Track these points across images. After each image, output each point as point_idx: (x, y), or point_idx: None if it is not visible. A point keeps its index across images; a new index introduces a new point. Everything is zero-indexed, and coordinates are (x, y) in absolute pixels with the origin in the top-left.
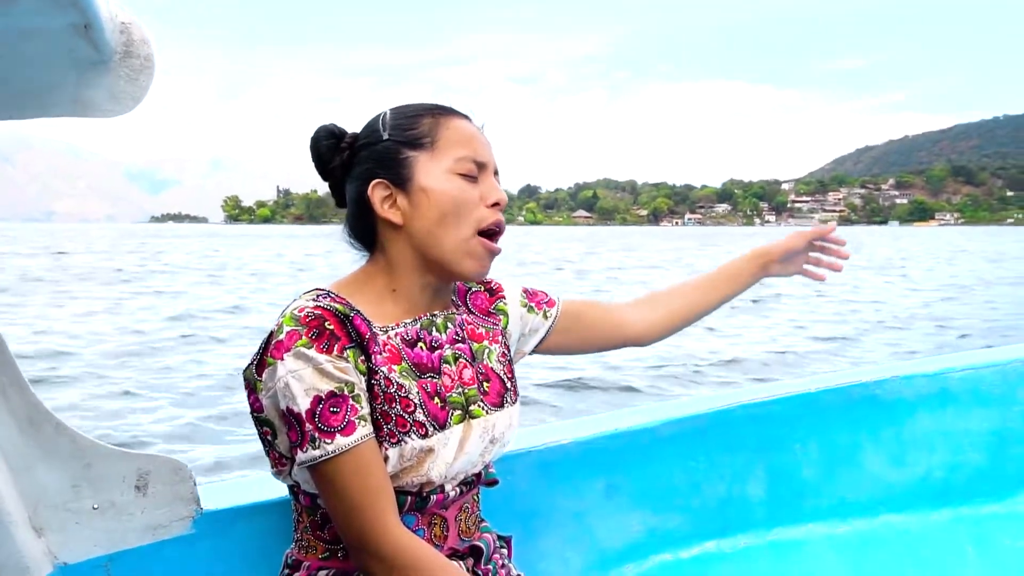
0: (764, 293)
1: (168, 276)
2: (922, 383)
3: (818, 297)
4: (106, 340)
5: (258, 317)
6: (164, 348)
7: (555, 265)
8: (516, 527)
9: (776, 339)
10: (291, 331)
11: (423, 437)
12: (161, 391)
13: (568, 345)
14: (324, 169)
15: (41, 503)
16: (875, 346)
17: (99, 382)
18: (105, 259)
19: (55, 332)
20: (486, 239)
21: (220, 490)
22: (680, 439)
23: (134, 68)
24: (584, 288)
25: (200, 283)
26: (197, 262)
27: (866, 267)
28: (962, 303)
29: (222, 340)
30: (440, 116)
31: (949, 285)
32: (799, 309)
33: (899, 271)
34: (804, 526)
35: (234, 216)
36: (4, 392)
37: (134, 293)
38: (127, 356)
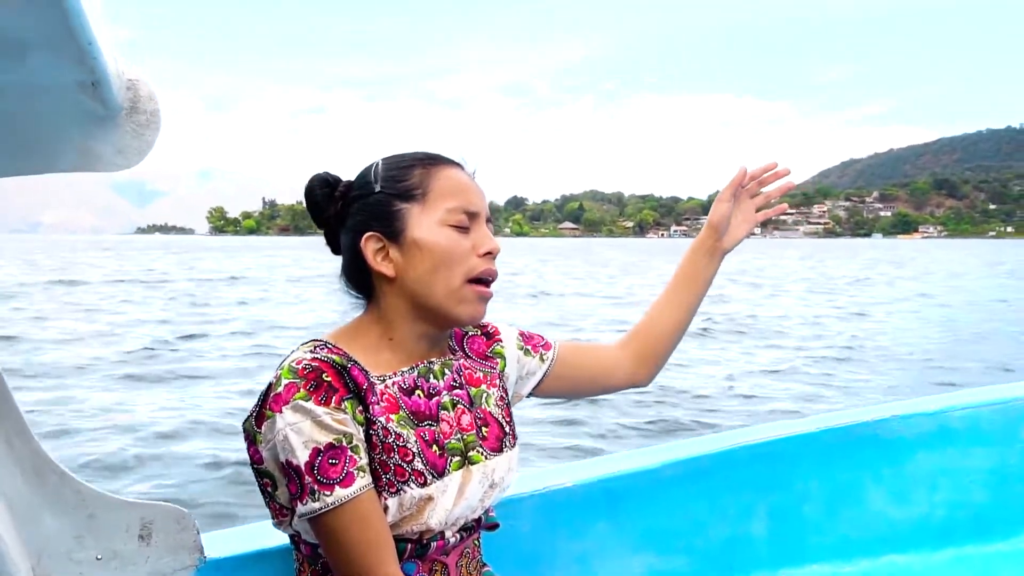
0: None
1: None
2: (923, 422)
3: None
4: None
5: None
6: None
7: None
8: (519, 571)
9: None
10: (289, 384)
11: (422, 486)
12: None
13: (564, 389)
14: (319, 217)
15: (45, 553)
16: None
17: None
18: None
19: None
20: (477, 285)
21: (223, 538)
22: (682, 480)
23: (140, 123)
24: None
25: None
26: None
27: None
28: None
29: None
30: (431, 167)
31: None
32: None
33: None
34: (808, 566)
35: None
36: (9, 441)
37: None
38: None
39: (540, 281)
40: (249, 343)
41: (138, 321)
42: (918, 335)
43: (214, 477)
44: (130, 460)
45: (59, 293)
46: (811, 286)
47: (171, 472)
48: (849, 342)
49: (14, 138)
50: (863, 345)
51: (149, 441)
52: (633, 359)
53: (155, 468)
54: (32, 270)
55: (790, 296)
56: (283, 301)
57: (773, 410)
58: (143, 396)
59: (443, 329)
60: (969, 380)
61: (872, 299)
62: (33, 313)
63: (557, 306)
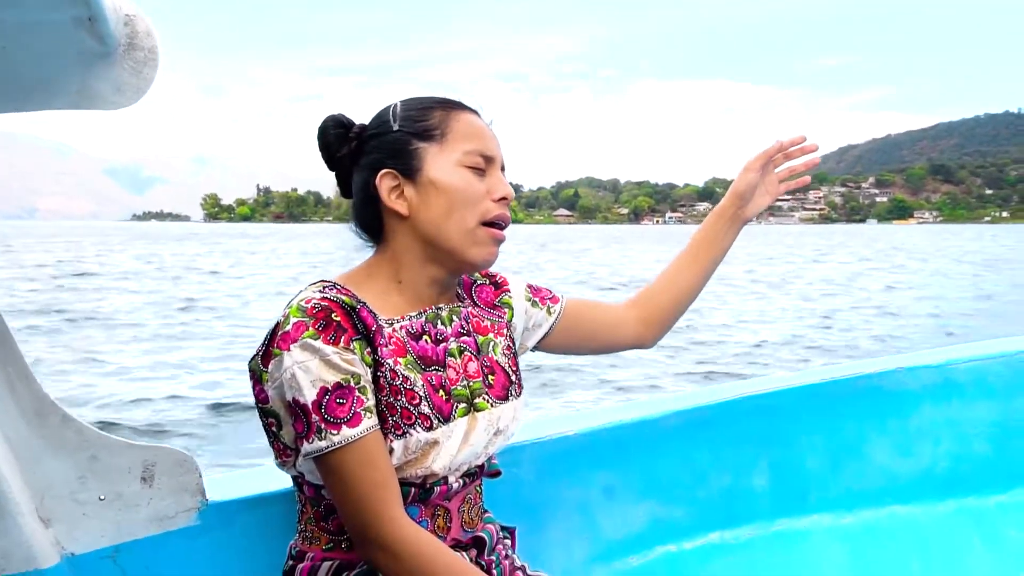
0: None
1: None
2: (927, 374)
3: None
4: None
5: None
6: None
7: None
8: (520, 518)
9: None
10: (298, 322)
11: (428, 430)
12: None
13: (570, 344)
14: (331, 158)
15: (48, 494)
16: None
17: None
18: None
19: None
20: (491, 228)
21: (225, 482)
22: (684, 431)
23: (138, 60)
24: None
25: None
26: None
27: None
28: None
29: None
30: (451, 109)
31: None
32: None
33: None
34: (809, 517)
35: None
36: (11, 384)
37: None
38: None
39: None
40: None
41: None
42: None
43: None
44: None
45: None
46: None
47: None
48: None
49: (10, 76)
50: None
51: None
52: (641, 320)
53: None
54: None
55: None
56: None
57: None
58: None
59: (454, 273)
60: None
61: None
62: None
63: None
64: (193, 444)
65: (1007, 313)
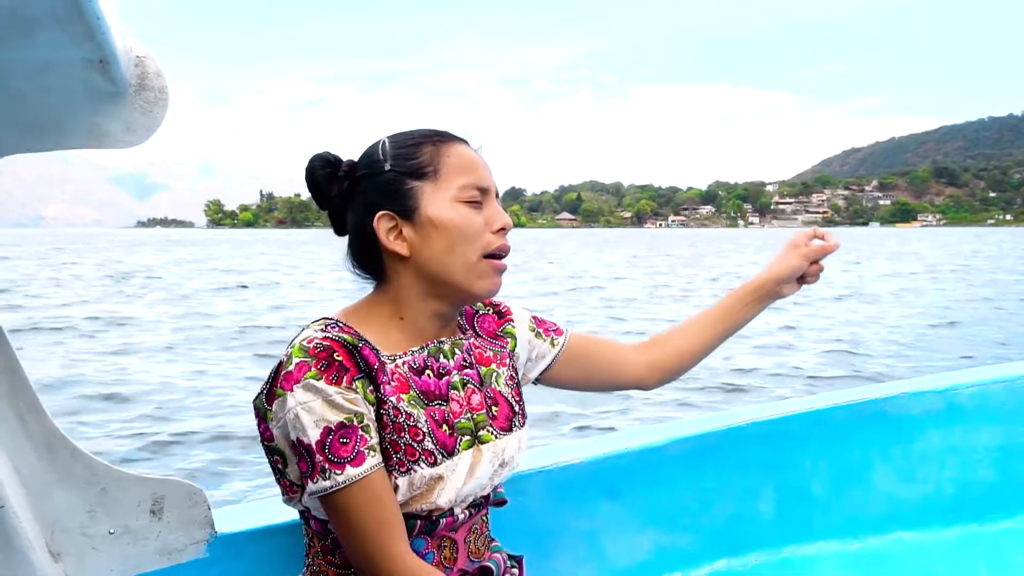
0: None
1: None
2: (931, 399)
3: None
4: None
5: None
6: None
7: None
8: (527, 547)
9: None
10: (300, 362)
11: (432, 465)
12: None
13: (571, 379)
14: (322, 198)
15: (58, 528)
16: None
17: None
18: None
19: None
20: (492, 259)
21: (233, 514)
22: (690, 457)
23: (148, 100)
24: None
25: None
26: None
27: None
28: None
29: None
30: (440, 144)
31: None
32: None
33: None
34: (815, 543)
35: (217, 220)
36: (22, 417)
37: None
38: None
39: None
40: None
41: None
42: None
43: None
44: None
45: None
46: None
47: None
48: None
49: (24, 115)
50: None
51: None
52: (646, 365)
53: None
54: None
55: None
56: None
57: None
58: None
59: (458, 306)
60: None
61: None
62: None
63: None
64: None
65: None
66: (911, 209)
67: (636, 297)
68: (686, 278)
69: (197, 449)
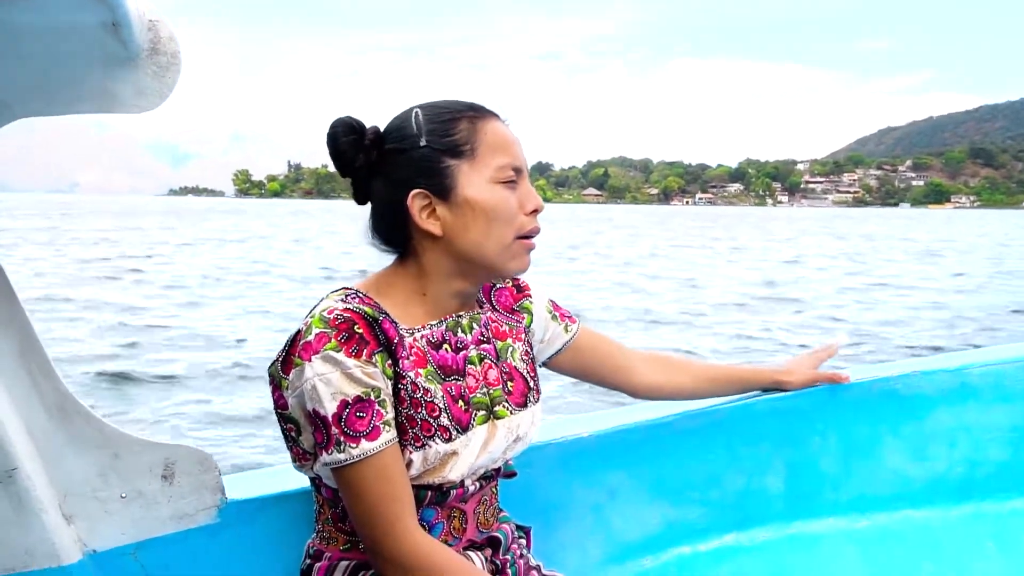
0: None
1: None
2: (944, 378)
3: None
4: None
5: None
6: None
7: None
8: (535, 518)
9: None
10: (320, 333)
11: (447, 441)
12: None
13: (576, 369)
14: (345, 166)
15: (70, 491)
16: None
17: None
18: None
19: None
20: (525, 239)
21: (244, 480)
22: (699, 432)
23: (161, 65)
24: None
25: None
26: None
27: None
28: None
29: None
30: (476, 120)
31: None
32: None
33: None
34: (823, 520)
35: (244, 190)
36: (34, 381)
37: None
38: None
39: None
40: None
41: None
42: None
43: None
44: None
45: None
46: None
47: None
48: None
49: (36, 79)
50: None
51: None
52: (646, 383)
53: None
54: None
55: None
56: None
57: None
58: None
59: (482, 283)
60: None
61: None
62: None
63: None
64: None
65: None
66: (945, 190)
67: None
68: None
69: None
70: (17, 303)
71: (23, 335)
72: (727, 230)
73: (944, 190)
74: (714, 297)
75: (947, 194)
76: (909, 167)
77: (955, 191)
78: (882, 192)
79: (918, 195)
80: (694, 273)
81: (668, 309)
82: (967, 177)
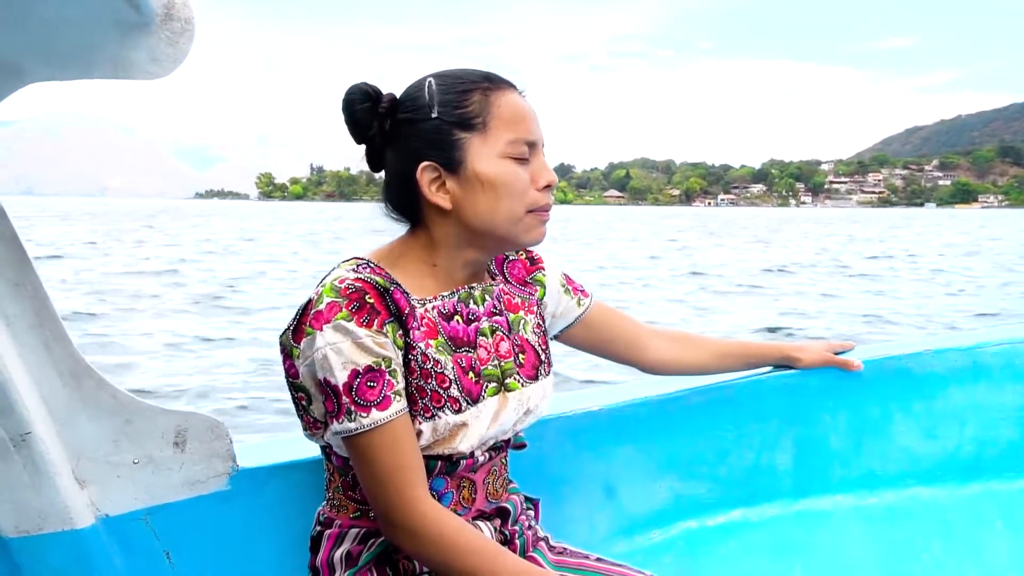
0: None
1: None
2: (956, 357)
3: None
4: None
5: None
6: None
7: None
8: (544, 491)
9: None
10: (331, 302)
11: (457, 412)
12: None
13: (589, 343)
14: (359, 134)
15: (83, 456)
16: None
17: None
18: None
19: None
20: (538, 212)
21: (255, 448)
22: (709, 408)
23: (174, 31)
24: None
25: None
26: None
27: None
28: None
29: None
30: (490, 92)
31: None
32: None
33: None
34: (831, 497)
35: (267, 193)
36: (48, 346)
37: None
38: None
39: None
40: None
41: None
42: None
43: None
44: None
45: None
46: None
47: None
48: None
49: (50, 45)
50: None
51: None
52: (664, 356)
53: None
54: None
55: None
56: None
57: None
58: None
59: (493, 255)
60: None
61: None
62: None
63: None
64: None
65: None
66: (972, 190)
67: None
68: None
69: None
70: (32, 271)
71: (38, 303)
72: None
73: (972, 189)
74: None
75: (974, 193)
76: (936, 166)
77: (983, 190)
78: (908, 192)
79: (944, 195)
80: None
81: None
82: (995, 176)
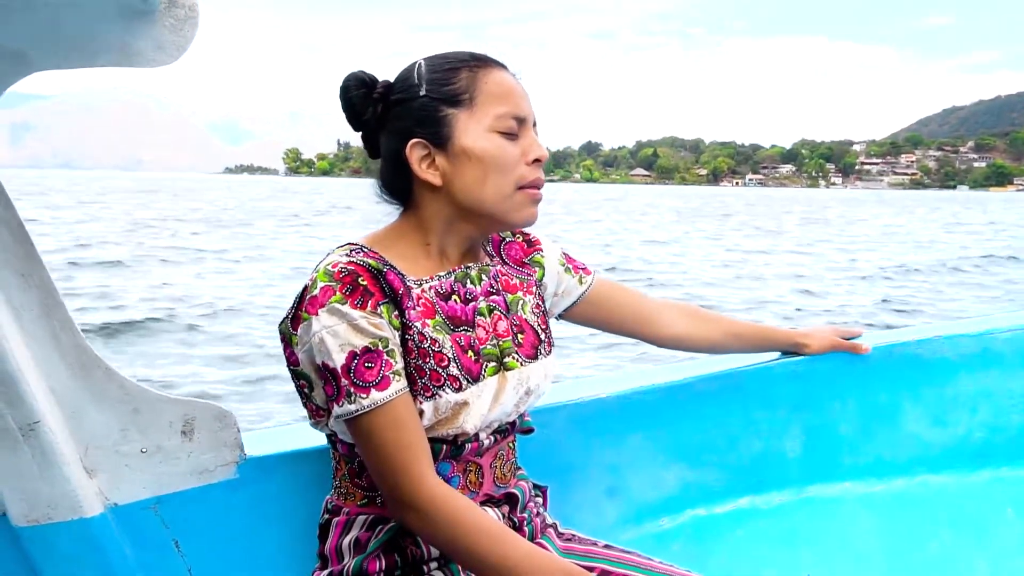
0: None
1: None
2: (965, 343)
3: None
4: None
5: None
6: None
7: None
8: (553, 478)
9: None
10: (325, 287)
11: (457, 391)
12: None
13: (594, 319)
14: (356, 120)
15: (92, 445)
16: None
17: None
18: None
19: None
20: (528, 189)
21: (262, 437)
22: (717, 395)
23: (178, 18)
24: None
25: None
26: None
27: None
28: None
29: None
30: (478, 69)
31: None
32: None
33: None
34: (840, 484)
35: (294, 168)
36: (55, 335)
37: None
38: None
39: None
40: None
41: None
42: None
43: None
44: None
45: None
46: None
47: None
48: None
49: (54, 33)
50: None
51: None
52: (675, 330)
53: None
54: None
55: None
56: None
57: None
58: None
59: (487, 233)
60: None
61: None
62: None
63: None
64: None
65: None
66: (1008, 172)
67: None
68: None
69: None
70: (38, 261)
71: (44, 292)
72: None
73: (1007, 172)
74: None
75: (1010, 176)
76: (971, 148)
77: (1018, 173)
78: (941, 174)
79: (978, 177)
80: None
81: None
82: None
